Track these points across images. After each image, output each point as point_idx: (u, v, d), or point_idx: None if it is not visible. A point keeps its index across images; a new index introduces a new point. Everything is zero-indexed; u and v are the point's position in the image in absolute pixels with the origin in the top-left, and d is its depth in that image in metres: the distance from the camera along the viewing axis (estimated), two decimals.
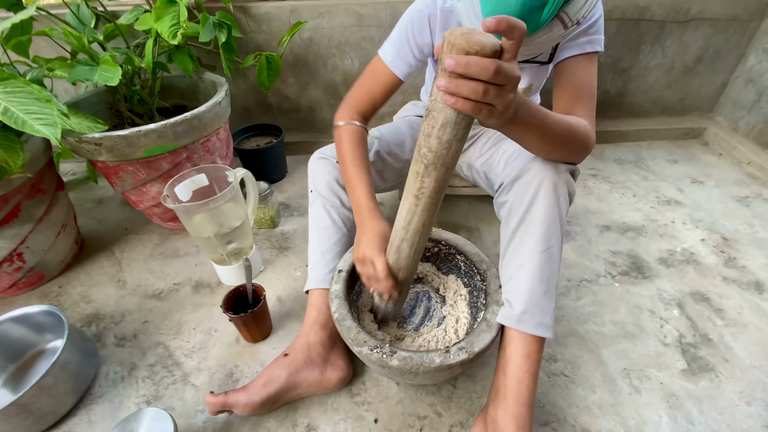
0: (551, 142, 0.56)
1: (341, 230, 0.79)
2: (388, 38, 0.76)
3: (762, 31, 1.36)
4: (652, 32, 1.34)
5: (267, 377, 0.68)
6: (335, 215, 0.79)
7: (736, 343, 0.82)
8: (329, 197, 0.80)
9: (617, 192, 1.26)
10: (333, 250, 0.78)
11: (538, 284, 0.61)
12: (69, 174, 1.42)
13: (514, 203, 0.64)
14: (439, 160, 0.46)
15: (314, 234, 0.80)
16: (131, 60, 0.93)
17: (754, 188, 1.27)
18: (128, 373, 0.78)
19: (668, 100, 1.53)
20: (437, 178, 0.48)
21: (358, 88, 0.77)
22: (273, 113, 1.48)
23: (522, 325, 0.61)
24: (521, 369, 0.60)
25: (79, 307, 0.92)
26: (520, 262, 0.62)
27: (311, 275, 0.78)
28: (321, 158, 0.82)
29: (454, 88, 0.38)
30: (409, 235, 0.57)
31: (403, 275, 0.63)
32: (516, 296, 0.62)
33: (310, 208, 0.82)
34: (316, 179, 0.81)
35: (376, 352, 0.60)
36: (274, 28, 1.28)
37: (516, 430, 0.58)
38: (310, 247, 0.81)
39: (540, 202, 0.61)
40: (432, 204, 0.52)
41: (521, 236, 0.63)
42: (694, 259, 1.01)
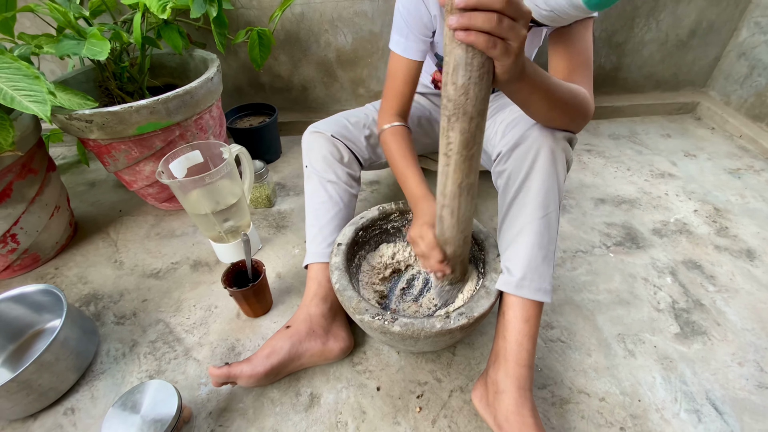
0: (555, 106, 0.55)
1: (338, 205, 0.80)
2: (392, 29, 0.77)
3: (754, 5, 1.36)
4: (647, 5, 1.33)
5: (270, 348, 0.68)
6: (331, 189, 0.80)
7: (728, 308, 0.84)
8: (324, 172, 0.80)
9: (612, 166, 1.27)
10: (330, 224, 0.79)
11: (537, 250, 0.62)
12: (59, 158, 1.39)
13: (513, 171, 0.64)
14: (459, 108, 0.44)
15: (311, 209, 0.81)
16: (119, 35, 0.90)
17: (746, 160, 1.29)
18: (129, 350, 0.78)
19: (662, 74, 1.53)
20: (462, 130, 0.46)
21: (386, 91, 0.79)
22: (265, 92, 1.46)
23: (521, 291, 0.62)
24: (521, 332, 0.61)
25: (76, 287, 0.91)
26: (519, 228, 0.63)
27: (310, 250, 0.79)
28: (314, 132, 0.82)
29: (467, 21, 0.37)
30: (447, 201, 0.55)
31: (451, 249, 0.62)
32: (515, 262, 0.63)
33: (306, 183, 0.82)
34: (310, 154, 0.82)
35: (377, 319, 0.61)
36: (265, 4, 1.25)
37: (517, 390, 0.59)
38: (307, 222, 0.81)
39: (538, 168, 0.61)
40: (462, 161, 0.50)
41: (520, 203, 0.63)
42: (686, 229, 1.03)
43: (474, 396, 0.66)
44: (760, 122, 1.38)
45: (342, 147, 0.83)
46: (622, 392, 0.70)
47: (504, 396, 0.60)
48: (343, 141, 0.83)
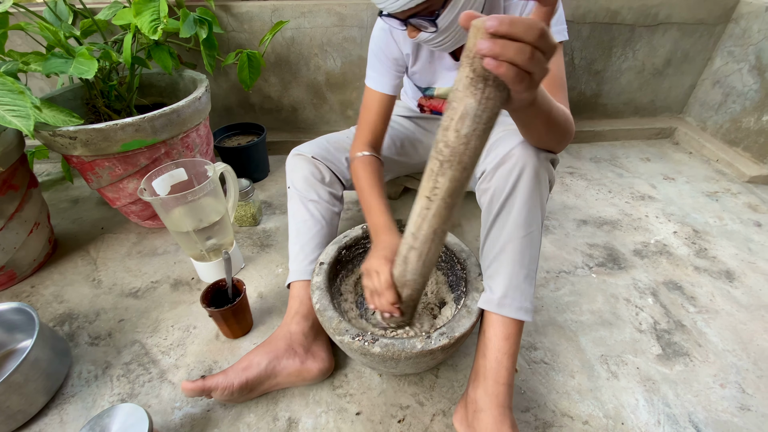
0: (551, 129, 0.55)
1: (319, 223, 0.80)
2: (367, 66, 0.81)
3: (727, 35, 1.44)
4: (623, 36, 1.40)
5: (247, 362, 0.67)
6: (312, 208, 0.81)
7: (708, 329, 0.84)
8: (306, 191, 0.81)
9: (593, 188, 1.30)
10: (312, 242, 0.79)
11: (519, 268, 0.62)
12: (43, 174, 1.38)
13: (497, 189, 0.64)
14: (455, 157, 0.43)
15: (293, 228, 0.81)
16: (108, 54, 0.91)
17: (723, 184, 1.33)
18: (102, 372, 0.75)
19: (640, 101, 1.58)
20: (452, 178, 0.44)
21: (360, 122, 0.82)
22: (255, 113, 1.48)
23: (503, 309, 0.62)
24: (501, 351, 0.61)
25: (51, 306, 0.89)
26: (501, 246, 0.63)
27: (292, 268, 0.79)
28: (297, 155, 0.85)
29: (499, 50, 0.33)
30: (418, 243, 0.53)
31: (408, 292, 0.61)
32: (496, 281, 0.63)
33: (289, 204, 0.84)
34: (293, 175, 0.83)
35: (357, 340, 0.60)
36: (256, 27, 1.28)
37: (496, 407, 0.58)
38: (290, 241, 0.81)
39: (521, 187, 0.61)
40: (445, 208, 0.48)
41: (502, 221, 0.64)
42: (667, 251, 1.05)
43: (455, 418, 0.65)
44: (736, 147, 1.43)
45: (323, 168, 0.84)
46: (605, 415, 0.69)
47: (483, 414, 0.59)
48: (324, 162, 0.84)
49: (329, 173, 0.84)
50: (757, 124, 1.35)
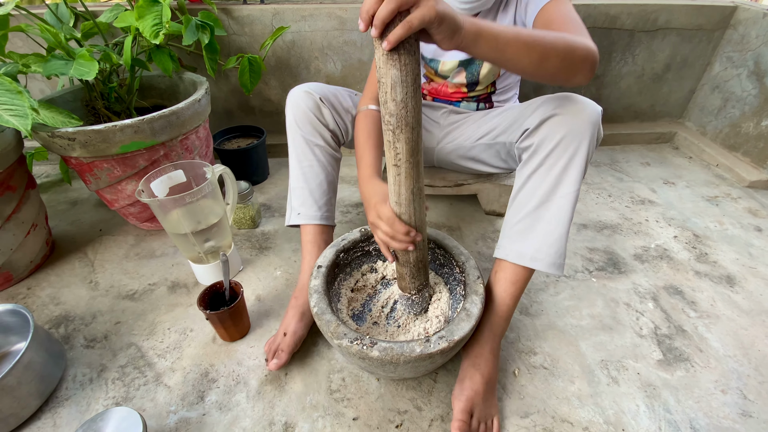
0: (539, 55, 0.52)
1: (326, 169, 0.83)
2: None
3: (726, 40, 1.44)
4: (623, 41, 1.41)
5: (298, 312, 0.77)
6: (319, 153, 0.82)
7: (709, 334, 0.84)
8: (312, 135, 0.81)
9: (593, 192, 1.30)
10: (321, 187, 0.82)
11: (556, 225, 0.64)
12: (43, 176, 1.38)
13: (542, 141, 0.63)
14: (401, 121, 0.48)
15: (298, 171, 0.82)
16: (109, 56, 0.92)
17: (723, 188, 1.32)
18: (97, 375, 0.75)
19: (640, 106, 1.59)
20: (407, 140, 0.50)
21: (369, 79, 0.83)
22: (255, 116, 1.48)
23: (536, 263, 0.65)
24: (507, 292, 0.70)
25: (47, 309, 0.88)
26: (541, 199, 0.64)
27: (301, 211, 0.82)
28: (305, 91, 0.81)
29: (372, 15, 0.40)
30: (403, 208, 0.58)
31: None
32: (532, 235, 0.66)
33: (293, 143, 0.82)
34: (298, 112, 0.80)
35: (356, 344, 0.60)
36: (257, 31, 1.29)
37: (489, 333, 0.70)
38: (294, 183, 0.83)
39: (573, 142, 0.60)
40: (411, 168, 0.53)
41: (542, 175, 0.63)
42: (667, 255, 1.04)
43: None
44: (736, 152, 1.43)
45: (327, 112, 0.82)
46: (606, 421, 0.68)
47: (475, 332, 0.71)
48: (329, 107, 0.82)
49: (332, 119, 0.83)
50: (757, 129, 1.35)
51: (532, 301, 0.90)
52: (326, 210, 0.84)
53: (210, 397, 0.71)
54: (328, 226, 0.86)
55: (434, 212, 1.19)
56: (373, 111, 0.78)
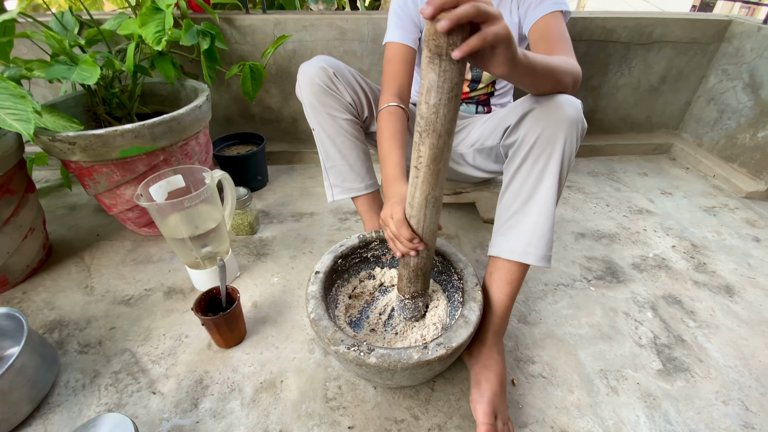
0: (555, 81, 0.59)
1: (358, 139, 0.85)
2: (387, 28, 0.85)
3: (720, 53, 1.46)
4: (619, 53, 1.43)
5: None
6: (348, 128, 0.83)
7: (709, 344, 0.83)
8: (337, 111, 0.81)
9: (591, 202, 1.30)
10: (359, 160, 0.86)
11: (544, 219, 0.64)
12: (42, 181, 1.38)
13: (524, 137, 0.64)
14: (429, 126, 0.48)
15: (333, 150, 0.84)
16: (111, 63, 0.93)
17: (720, 199, 1.33)
18: (90, 381, 0.74)
19: (636, 117, 1.60)
20: (431, 145, 0.49)
21: (385, 76, 0.83)
22: (255, 123, 1.49)
23: (526, 257, 0.66)
24: (503, 292, 0.70)
25: (42, 313, 0.87)
26: (528, 195, 0.65)
27: (345, 186, 0.87)
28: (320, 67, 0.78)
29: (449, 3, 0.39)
30: (414, 211, 0.58)
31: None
32: (519, 230, 0.67)
33: (319, 121, 0.81)
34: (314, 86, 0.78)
35: (353, 350, 0.59)
36: (258, 40, 1.30)
37: (491, 335, 0.71)
38: (329, 162, 0.85)
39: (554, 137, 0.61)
40: (431, 175, 0.53)
41: (527, 170, 0.64)
42: (665, 265, 1.04)
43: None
44: (732, 163, 1.44)
45: (343, 89, 0.81)
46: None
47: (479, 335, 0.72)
48: (344, 84, 0.81)
49: (348, 95, 0.81)
50: (753, 140, 1.36)
51: (530, 309, 0.90)
52: (369, 178, 0.89)
53: (204, 404, 0.70)
54: (376, 192, 0.91)
55: None
56: (397, 108, 0.78)
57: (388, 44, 0.83)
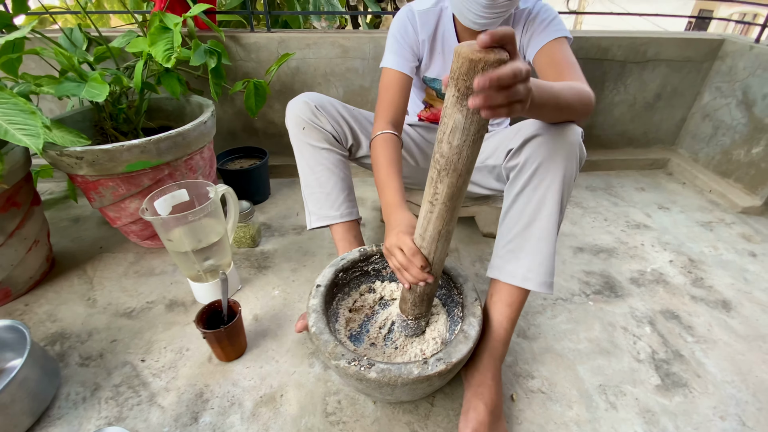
0: (562, 110, 0.59)
1: (337, 167, 0.85)
2: (385, 52, 0.86)
3: (714, 71, 1.50)
4: (614, 71, 1.46)
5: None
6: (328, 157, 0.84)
7: (707, 359, 0.83)
8: (317, 141, 0.83)
9: (589, 216, 1.32)
10: (336, 188, 0.85)
11: (545, 245, 0.65)
12: (47, 193, 1.39)
13: (526, 162, 0.66)
14: (450, 165, 0.48)
15: (312, 178, 0.85)
16: (120, 80, 0.95)
17: (717, 214, 1.34)
18: (91, 394, 0.74)
19: (633, 133, 1.63)
20: (450, 184, 0.50)
21: (380, 102, 0.84)
22: (259, 137, 1.52)
23: (527, 283, 0.66)
24: (503, 314, 0.70)
25: (44, 326, 0.88)
26: (528, 220, 0.66)
27: (321, 213, 0.85)
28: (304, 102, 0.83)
29: (489, 102, 0.40)
30: (425, 243, 0.58)
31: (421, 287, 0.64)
32: (520, 255, 0.67)
33: (301, 152, 0.85)
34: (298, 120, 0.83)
35: (353, 365, 0.60)
36: (263, 57, 1.34)
37: (488, 358, 0.70)
38: (308, 190, 0.86)
39: (551, 163, 0.63)
40: (446, 211, 0.53)
41: (529, 195, 0.66)
42: (663, 279, 1.05)
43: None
44: (728, 178, 1.46)
45: (324, 120, 0.84)
46: None
47: (475, 361, 0.71)
48: (326, 116, 0.84)
49: (330, 126, 0.84)
50: (747, 156, 1.38)
51: (529, 324, 0.91)
52: (347, 206, 0.87)
53: (204, 418, 0.70)
54: (354, 221, 0.89)
55: None
56: (391, 135, 0.79)
57: (385, 69, 0.84)
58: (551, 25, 0.77)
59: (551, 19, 0.78)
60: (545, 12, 0.79)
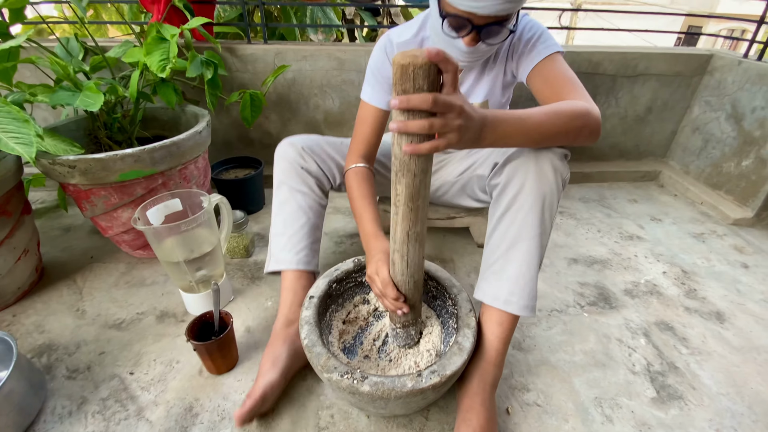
0: (546, 137, 0.58)
1: (307, 214, 0.83)
2: (364, 82, 0.85)
3: (703, 86, 1.53)
4: (606, 85, 1.49)
5: (270, 358, 0.71)
6: (300, 199, 0.83)
7: (702, 371, 0.83)
8: (294, 182, 0.83)
9: (583, 228, 1.32)
10: (300, 232, 0.82)
11: (527, 269, 0.65)
12: (38, 202, 1.38)
13: (507, 184, 0.66)
14: (404, 166, 0.50)
15: (280, 218, 0.83)
16: (115, 89, 0.95)
17: (709, 226, 1.36)
18: (77, 408, 0.72)
19: (625, 145, 1.65)
20: (407, 185, 0.51)
21: (354, 135, 0.84)
22: (254, 147, 1.52)
23: (509, 306, 0.66)
24: (494, 334, 0.69)
25: (31, 337, 0.86)
26: (511, 242, 0.66)
27: (279, 257, 0.81)
28: (288, 144, 0.86)
29: (404, 128, 0.44)
30: (397, 246, 0.59)
31: (404, 290, 0.64)
32: (503, 278, 0.67)
33: (276, 193, 0.85)
34: (281, 163, 0.85)
35: (346, 378, 0.59)
36: (259, 69, 1.35)
37: (478, 383, 0.67)
38: (274, 231, 0.84)
39: (531, 186, 0.63)
40: (409, 212, 0.54)
41: (512, 217, 0.66)
42: (657, 291, 1.05)
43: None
44: (719, 190, 1.48)
45: (311, 161, 0.85)
46: None
47: (464, 382, 0.69)
48: (311, 156, 0.85)
49: (316, 166, 0.85)
50: (737, 168, 1.40)
51: (524, 335, 0.90)
52: (305, 254, 0.82)
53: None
54: (308, 272, 0.83)
55: (428, 245, 1.21)
56: (363, 169, 0.80)
57: (362, 101, 0.83)
58: (538, 43, 0.73)
59: (537, 36, 0.73)
60: (530, 30, 0.74)
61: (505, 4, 0.59)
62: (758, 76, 1.33)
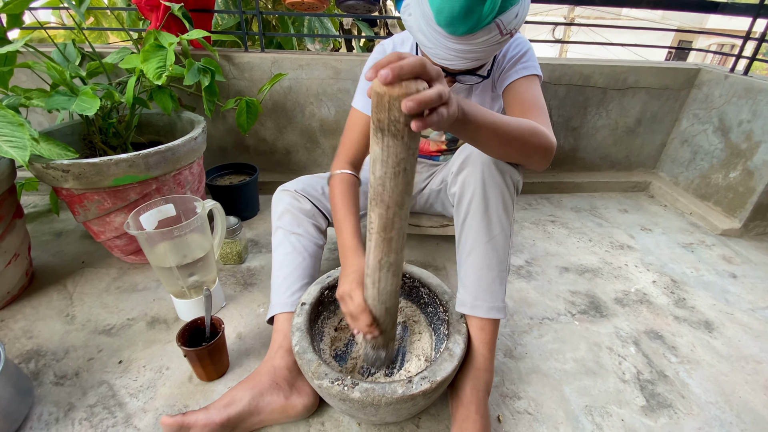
0: (506, 142, 0.56)
1: (301, 254, 0.82)
2: (356, 91, 0.86)
3: (691, 99, 1.56)
4: (596, 97, 1.52)
5: (229, 399, 0.65)
6: (295, 241, 0.82)
7: (691, 380, 0.84)
8: (289, 225, 0.83)
9: (574, 237, 1.34)
10: (294, 273, 0.80)
11: (486, 272, 0.67)
12: (30, 206, 1.37)
13: (459, 195, 0.69)
14: (377, 196, 0.48)
15: (276, 262, 0.82)
16: (111, 95, 0.96)
17: (698, 236, 1.38)
18: (64, 415, 0.71)
19: (615, 156, 1.68)
20: (380, 215, 0.49)
21: (343, 140, 0.84)
22: (250, 154, 1.52)
23: (476, 311, 0.67)
24: (477, 339, 0.69)
25: (19, 342, 0.85)
26: (468, 251, 0.68)
27: (273, 301, 0.79)
28: (282, 190, 0.87)
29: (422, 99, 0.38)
30: (370, 271, 0.57)
31: (377, 313, 0.62)
32: (467, 284, 0.69)
33: (273, 238, 0.85)
34: (277, 208, 0.85)
35: (336, 384, 0.59)
36: (256, 76, 1.36)
37: (470, 390, 0.68)
38: (273, 275, 0.82)
39: (478, 194, 0.65)
40: (381, 241, 0.52)
41: (468, 226, 0.68)
42: (647, 300, 1.06)
43: None
44: (707, 201, 1.50)
45: (305, 201, 0.85)
46: None
47: (458, 391, 0.69)
48: (306, 196, 0.86)
49: (311, 205, 0.86)
50: (725, 180, 1.43)
51: (516, 343, 0.90)
52: (299, 297, 0.79)
53: None
54: None
55: (420, 251, 1.21)
56: (348, 175, 0.79)
57: (353, 108, 0.84)
58: (520, 62, 0.75)
59: (521, 54, 0.76)
60: (516, 47, 0.77)
61: (473, 62, 0.64)
62: (744, 90, 1.36)
